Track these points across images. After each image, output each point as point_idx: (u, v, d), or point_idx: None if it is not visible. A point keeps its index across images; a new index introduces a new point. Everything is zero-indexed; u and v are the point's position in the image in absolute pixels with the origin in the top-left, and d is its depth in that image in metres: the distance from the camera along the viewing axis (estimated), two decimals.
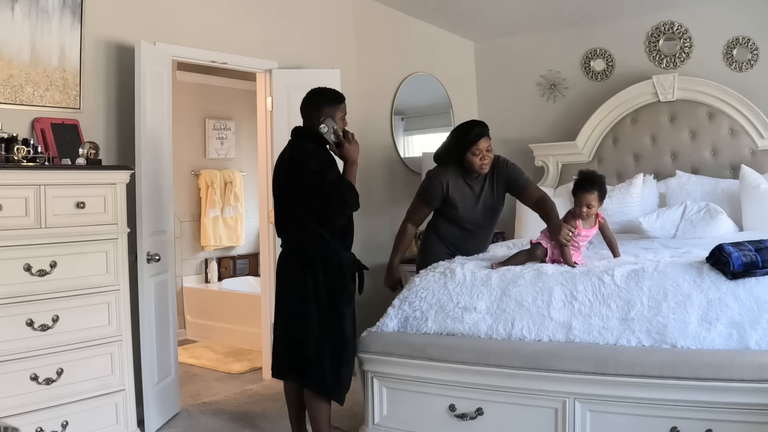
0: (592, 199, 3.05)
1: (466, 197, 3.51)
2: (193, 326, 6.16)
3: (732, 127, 4.74)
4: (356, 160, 3.15)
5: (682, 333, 2.59)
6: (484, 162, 3.44)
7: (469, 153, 3.41)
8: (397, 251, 3.62)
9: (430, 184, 3.54)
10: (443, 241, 3.59)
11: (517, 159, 5.71)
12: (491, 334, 2.92)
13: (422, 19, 5.53)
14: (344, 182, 3.08)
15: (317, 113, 3.14)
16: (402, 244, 3.62)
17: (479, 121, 3.56)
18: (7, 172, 2.91)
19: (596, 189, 3.06)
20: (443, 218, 3.59)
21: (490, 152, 3.46)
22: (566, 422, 2.64)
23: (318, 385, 3.07)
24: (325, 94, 3.19)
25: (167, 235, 3.89)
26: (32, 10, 3.36)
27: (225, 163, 6.66)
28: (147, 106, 3.62)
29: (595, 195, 3.06)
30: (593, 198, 3.05)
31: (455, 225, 3.57)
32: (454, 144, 3.49)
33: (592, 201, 3.05)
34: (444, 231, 3.60)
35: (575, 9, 5.16)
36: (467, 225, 3.56)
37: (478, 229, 3.61)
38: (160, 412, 3.69)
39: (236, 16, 4.37)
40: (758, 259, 2.61)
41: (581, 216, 3.08)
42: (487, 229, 3.68)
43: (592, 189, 3.05)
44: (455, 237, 3.58)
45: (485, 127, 3.48)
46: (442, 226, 3.60)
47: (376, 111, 5.21)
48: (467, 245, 3.59)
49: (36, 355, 2.96)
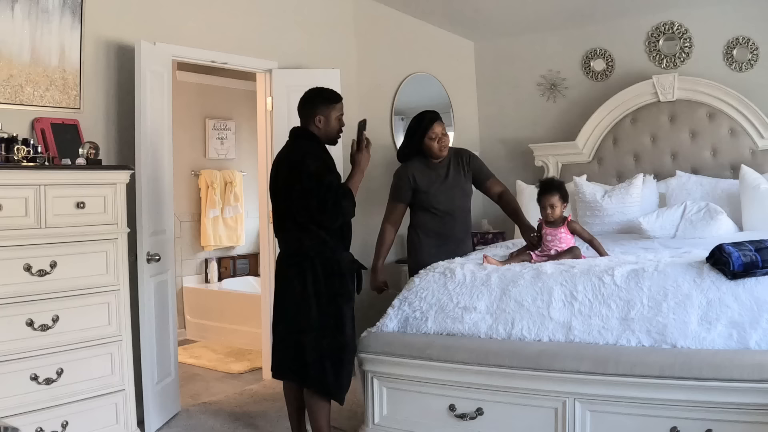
0: (554, 200, 3.29)
1: (433, 181, 3.66)
2: (193, 326, 6.16)
3: (732, 127, 4.74)
4: (364, 169, 3.22)
5: (682, 333, 2.59)
6: (442, 144, 3.63)
7: (426, 139, 3.61)
8: (378, 254, 3.69)
9: (399, 180, 3.69)
10: (426, 234, 3.67)
11: (517, 159, 5.78)
12: (491, 334, 2.92)
13: (422, 19, 5.53)
14: (344, 188, 3.08)
15: (312, 112, 3.15)
16: (383, 246, 3.69)
17: (429, 110, 3.72)
18: (7, 172, 2.91)
19: (555, 191, 3.31)
20: (419, 209, 3.70)
21: (445, 136, 3.66)
22: (566, 422, 2.64)
23: (318, 385, 3.07)
24: (321, 94, 3.19)
25: (167, 235, 3.89)
26: (32, 10, 3.36)
27: (225, 163, 6.66)
28: (147, 106, 3.62)
29: (557, 197, 3.30)
30: (554, 199, 3.29)
31: (430, 212, 3.66)
32: (411, 136, 3.66)
33: (554, 202, 3.29)
34: (423, 223, 3.69)
35: (575, 9, 5.16)
36: (441, 206, 3.64)
37: (454, 211, 3.69)
38: (160, 412, 3.69)
39: (236, 16, 4.37)
40: (758, 259, 2.61)
41: (546, 218, 3.33)
42: (463, 210, 3.75)
43: (552, 191, 3.31)
44: (435, 225, 3.67)
45: (436, 113, 3.68)
46: (420, 218, 3.70)
47: (376, 111, 5.21)
48: (449, 231, 3.66)
49: (36, 355, 2.96)
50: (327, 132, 3.19)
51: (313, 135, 3.16)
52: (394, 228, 3.72)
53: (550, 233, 3.31)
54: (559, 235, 3.29)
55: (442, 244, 3.62)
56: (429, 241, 3.66)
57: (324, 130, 3.18)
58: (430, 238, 3.66)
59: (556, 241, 3.29)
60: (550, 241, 3.31)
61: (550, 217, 3.32)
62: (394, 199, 3.72)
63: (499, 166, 5.86)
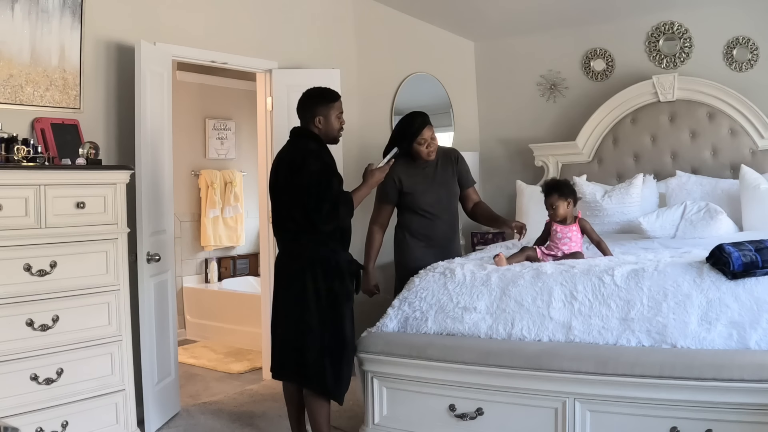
0: (553, 200, 3.32)
1: (419, 182, 3.60)
2: (193, 326, 6.16)
3: (732, 127, 4.74)
4: (373, 186, 3.23)
5: (682, 333, 2.59)
6: (430, 149, 3.56)
7: (415, 143, 3.53)
8: (368, 256, 3.64)
9: (385, 182, 3.59)
10: (413, 235, 3.63)
11: (517, 159, 5.78)
12: (491, 334, 2.92)
13: (422, 19, 5.53)
14: (347, 195, 3.08)
15: (311, 113, 3.16)
16: (372, 249, 3.65)
17: (419, 111, 3.65)
18: (7, 172, 2.91)
19: (554, 191, 3.33)
20: (406, 210, 3.65)
21: (434, 140, 3.58)
22: (566, 422, 2.64)
23: (317, 385, 3.06)
24: (320, 94, 3.20)
25: (167, 235, 3.89)
26: (32, 10, 3.36)
27: (225, 163, 6.66)
28: (147, 106, 3.62)
29: (555, 196, 3.32)
30: (554, 199, 3.32)
31: (418, 213, 3.61)
32: (399, 138, 3.57)
33: (553, 201, 3.32)
34: (410, 223, 3.64)
35: (575, 9, 5.16)
36: (428, 208, 3.60)
37: (441, 212, 3.64)
38: (160, 412, 3.69)
39: (236, 16, 4.37)
40: (758, 259, 2.61)
41: (552, 217, 3.36)
42: (449, 211, 3.70)
43: (550, 192, 3.35)
44: (422, 226, 3.62)
45: (426, 117, 3.60)
46: (407, 219, 3.65)
47: (376, 111, 5.21)
48: (436, 232, 3.62)
49: (36, 355, 2.96)
50: (328, 131, 3.19)
51: (314, 135, 3.16)
52: (381, 230, 3.68)
53: (560, 230, 3.31)
54: (570, 233, 3.29)
55: (429, 245, 3.59)
56: (416, 242, 3.61)
57: (324, 130, 3.18)
58: (417, 239, 3.61)
59: (566, 239, 3.29)
60: (560, 239, 3.30)
61: (555, 217, 3.32)
62: (380, 200, 3.66)
63: (499, 166, 5.89)
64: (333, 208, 3.00)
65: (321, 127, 3.17)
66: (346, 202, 3.06)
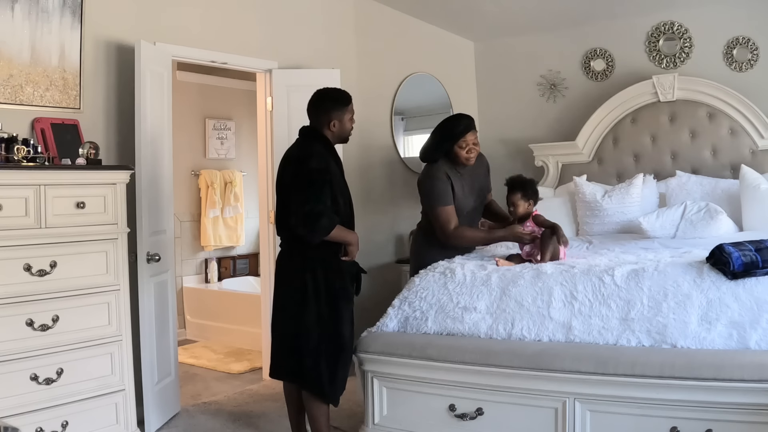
0: (514, 199, 3.40)
1: (461, 186, 3.59)
2: (193, 326, 6.16)
3: (732, 127, 4.74)
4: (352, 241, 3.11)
5: (682, 333, 2.59)
6: (470, 155, 3.54)
7: (456, 146, 3.50)
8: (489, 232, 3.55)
9: (438, 182, 3.52)
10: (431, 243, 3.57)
11: (517, 159, 5.77)
12: (491, 334, 2.92)
13: (422, 19, 5.53)
14: (333, 219, 2.99)
15: (326, 117, 3.15)
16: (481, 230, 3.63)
17: (466, 114, 3.63)
18: (7, 172, 2.91)
19: (518, 190, 3.39)
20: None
21: (476, 145, 3.55)
22: (566, 422, 2.64)
23: (313, 386, 3.06)
24: (334, 98, 3.18)
25: (167, 235, 3.89)
26: (32, 10, 3.36)
27: (225, 163, 6.66)
28: (147, 106, 3.62)
29: (518, 195, 3.38)
30: (516, 197, 3.39)
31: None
32: (441, 137, 3.54)
33: (514, 200, 3.40)
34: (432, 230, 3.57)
35: (575, 9, 5.16)
36: (465, 214, 3.59)
37: (472, 214, 3.66)
38: (160, 412, 3.69)
39: (236, 16, 4.37)
40: (758, 259, 2.61)
41: (512, 214, 3.45)
42: (478, 211, 3.76)
43: (514, 190, 3.40)
44: None
45: (472, 121, 3.57)
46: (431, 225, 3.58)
47: (376, 111, 5.21)
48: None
49: (36, 355, 2.96)
50: (341, 134, 3.21)
51: (323, 137, 3.16)
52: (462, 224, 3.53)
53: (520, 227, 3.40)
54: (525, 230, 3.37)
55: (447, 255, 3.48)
56: (434, 250, 3.52)
57: (338, 132, 3.19)
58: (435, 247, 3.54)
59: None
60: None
61: (513, 215, 3.42)
62: (444, 203, 3.49)
63: (499, 166, 5.86)
64: (314, 212, 2.93)
65: (335, 131, 3.17)
66: (330, 220, 2.98)
